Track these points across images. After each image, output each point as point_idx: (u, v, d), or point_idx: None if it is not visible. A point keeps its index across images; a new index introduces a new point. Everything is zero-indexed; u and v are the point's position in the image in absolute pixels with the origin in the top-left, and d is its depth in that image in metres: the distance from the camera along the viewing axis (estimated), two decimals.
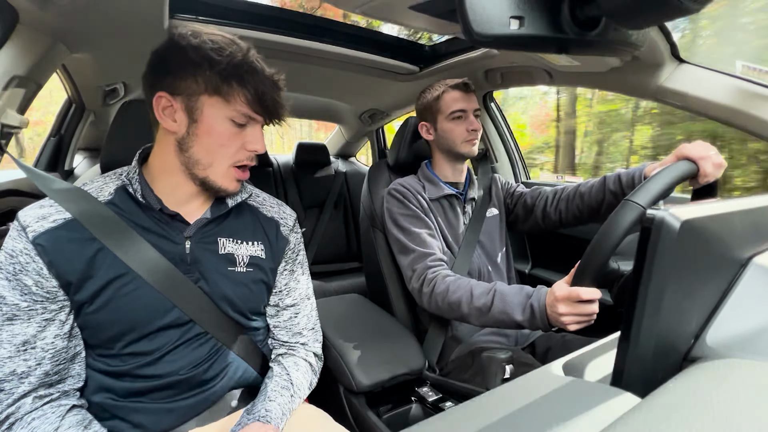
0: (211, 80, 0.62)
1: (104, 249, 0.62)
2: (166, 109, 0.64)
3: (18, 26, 0.84)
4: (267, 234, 0.78)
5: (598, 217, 1.04)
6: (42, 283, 0.59)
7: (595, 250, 0.61)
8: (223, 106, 0.63)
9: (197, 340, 0.68)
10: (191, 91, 0.63)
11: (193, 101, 0.63)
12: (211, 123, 0.64)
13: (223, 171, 0.67)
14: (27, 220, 0.60)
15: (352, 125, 2.42)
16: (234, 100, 0.63)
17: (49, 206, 0.62)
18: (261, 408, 0.67)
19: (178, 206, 0.69)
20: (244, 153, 0.67)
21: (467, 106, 1.09)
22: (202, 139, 0.64)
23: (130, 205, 0.66)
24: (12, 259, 0.58)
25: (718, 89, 0.93)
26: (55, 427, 0.57)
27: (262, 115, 0.67)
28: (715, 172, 0.76)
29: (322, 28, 1.29)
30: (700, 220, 0.32)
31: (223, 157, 0.66)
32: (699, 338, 0.35)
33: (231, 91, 0.62)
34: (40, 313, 0.59)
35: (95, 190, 0.66)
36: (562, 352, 1.04)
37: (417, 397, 0.99)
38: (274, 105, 0.66)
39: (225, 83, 0.62)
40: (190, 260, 0.68)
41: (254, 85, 0.63)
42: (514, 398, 0.33)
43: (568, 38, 0.34)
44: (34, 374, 0.58)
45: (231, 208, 0.74)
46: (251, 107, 0.64)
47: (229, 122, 0.64)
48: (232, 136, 0.65)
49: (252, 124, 0.67)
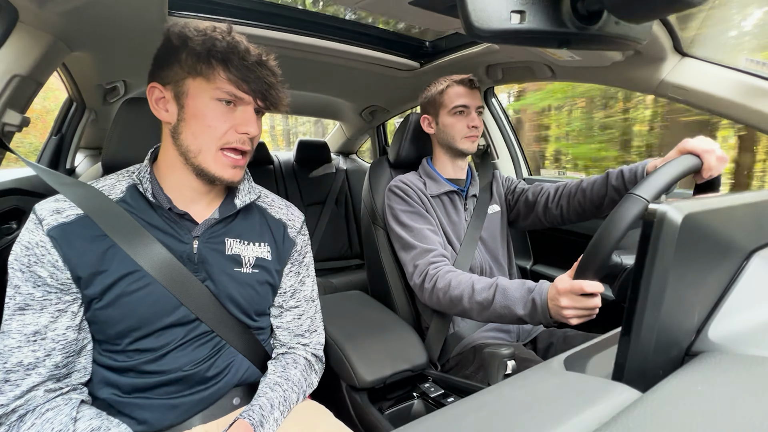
0: (190, 61, 0.62)
1: (115, 246, 0.63)
2: (159, 100, 0.65)
3: (18, 24, 0.84)
4: (274, 235, 0.78)
5: (600, 212, 1.04)
6: (57, 275, 0.60)
7: (598, 244, 0.61)
8: (206, 86, 0.63)
9: (202, 338, 0.68)
10: (177, 77, 0.63)
11: (180, 87, 0.63)
12: (196, 105, 0.63)
13: (213, 155, 0.65)
14: (43, 213, 0.61)
15: (353, 122, 2.41)
16: (215, 78, 0.62)
17: (63, 201, 0.63)
18: (249, 406, 0.67)
19: (186, 205, 0.69)
20: (233, 135, 0.65)
21: (470, 102, 1.09)
22: (190, 123, 0.64)
23: (140, 204, 0.67)
24: (28, 251, 0.59)
25: (722, 83, 0.92)
26: (72, 417, 0.57)
27: (249, 94, 0.64)
28: (718, 166, 0.75)
29: (322, 24, 1.28)
30: (703, 214, 0.32)
31: (210, 139, 0.64)
32: (701, 332, 0.35)
33: (212, 69, 0.62)
34: (54, 304, 0.60)
35: (107, 188, 0.67)
36: (563, 348, 1.04)
37: (419, 392, 0.99)
38: (261, 84, 0.64)
39: (204, 63, 0.61)
40: (198, 260, 0.68)
41: (236, 62, 0.62)
42: (516, 393, 0.33)
43: (569, 32, 0.34)
44: (44, 365, 0.58)
45: (239, 209, 0.74)
46: (234, 85, 0.63)
47: (214, 102, 0.63)
48: (220, 116, 0.64)
49: (242, 105, 0.65)
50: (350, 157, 2.68)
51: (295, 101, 2.17)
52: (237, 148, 0.66)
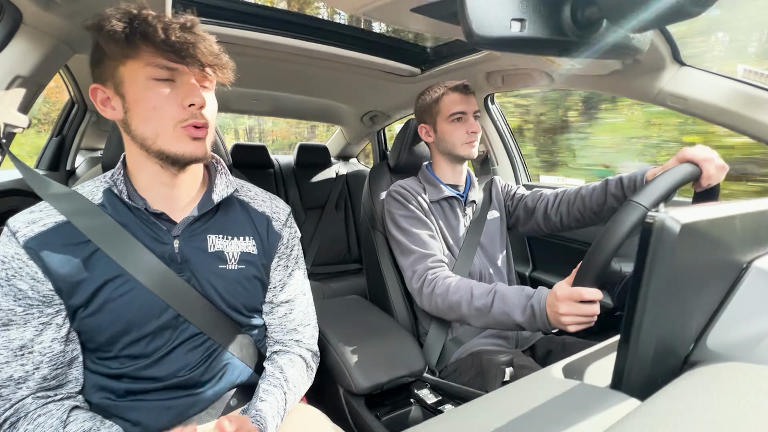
0: (113, 47, 0.59)
1: (97, 251, 0.61)
2: (104, 101, 0.63)
3: (22, 26, 0.84)
4: (258, 229, 0.76)
5: (600, 219, 1.05)
6: (37, 287, 0.59)
7: (597, 251, 0.61)
8: (137, 67, 0.59)
9: (193, 341, 0.67)
10: (110, 69, 0.61)
11: (116, 78, 0.61)
12: (135, 90, 0.60)
13: (171, 134, 0.62)
14: (17, 225, 0.59)
15: (354, 127, 2.42)
16: (142, 54, 0.59)
17: (38, 211, 0.62)
18: (252, 409, 0.67)
19: (162, 205, 0.68)
20: (184, 111, 0.62)
21: (467, 108, 1.09)
22: (136, 111, 0.61)
23: (117, 207, 0.65)
24: (4, 264, 0.58)
25: (720, 93, 0.93)
26: (62, 421, 0.57)
27: (180, 62, 0.60)
28: (717, 174, 0.75)
29: (323, 30, 1.29)
30: (701, 223, 0.32)
31: (161, 120, 0.61)
32: (699, 342, 0.35)
33: (136, 48, 0.58)
34: (36, 317, 0.59)
35: (88, 194, 0.66)
36: (562, 355, 1.03)
37: (416, 399, 0.99)
38: (189, 47, 0.59)
39: (127, 43, 0.58)
40: (180, 259, 0.67)
41: (155, 32, 0.57)
42: (514, 401, 0.33)
43: (569, 41, 0.34)
44: (32, 378, 0.58)
45: (218, 203, 0.72)
46: (164, 57, 0.59)
47: (152, 82, 0.60)
48: (162, 95, 0.60)
49: (180, 77, 0.62)
50: (350, 162, 2.69)
51: (297, 106, 2.18)
52: (194, 124, 0.63)
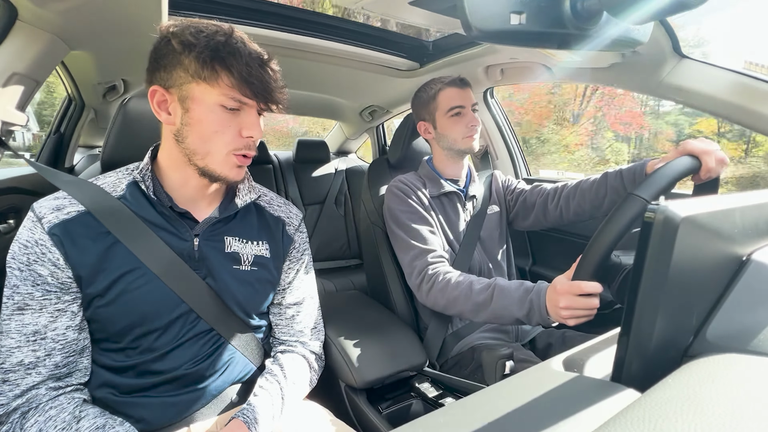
0: (193, 66, 0.60)
1: (117, 243, 0.62)
2: (161, 103, 0.64)
3: (17, 23, 0.83)
4: (273, 233, 0.78)
5: (600, 213, 1.04)
6: (57, 274, 0.59)
7: (597, 244, 0.61)
8: (210, 91, 0.61)
9: (202, 336, 0.68)
10: (181, 80, 0.62)
11: (184, 91, 0.62)
12: (201, 110, 0.62)
13: (222, 158, 0.65)
14: (42, 211, 0.60)
15: (353, 122, 2.41)
16: (219, 83, 0.61)
17: (63, 198, 0.63)
18: (245, 405, 0.67)
19: (187, 204, 0.69)
20: (241, 140, 0.65)
21: (465, 102, 1.08)
22: (196, 128, 0.63)
23: (140, 201, 0.66)
24: (26, 249, 0.59)
25: (721, 85, 0.92)
26: (75, 416, 0.57)
27: (252, 98, 0.63)
28: (717, 167, 0.75)
29: (322, 24, 1.28)
30: (701, 215, 0.32)
31: (219, 144, 0.64)
32: (699, 334, 0.35)
33: (214, 74, 0.60)
34: (53, 303, 0.59)
35: (109, 185, 0.67)
36: (562, 348, 1.04)
37: (417, 393, 0.99)
38: (264, 86, 0.63)
39: (206, 67, 0.60)
40: (198, 257, 0.69)
41: (238, 66, 0.60)
42: (514, 394, 0.33)
43: (568, 33, 0.34)
44: (44, 365, 0.58)
45: (240, 208, 0.74)
46: (238, 90, 0.62)
47: (219, 108, 0.62)
48: (225, 122, 0.63)
49: (245, 109, 0.65)
50: (349, 157, 2.68)
51: (295, 101, 2.17)
52: (246, 154, 0.67)
